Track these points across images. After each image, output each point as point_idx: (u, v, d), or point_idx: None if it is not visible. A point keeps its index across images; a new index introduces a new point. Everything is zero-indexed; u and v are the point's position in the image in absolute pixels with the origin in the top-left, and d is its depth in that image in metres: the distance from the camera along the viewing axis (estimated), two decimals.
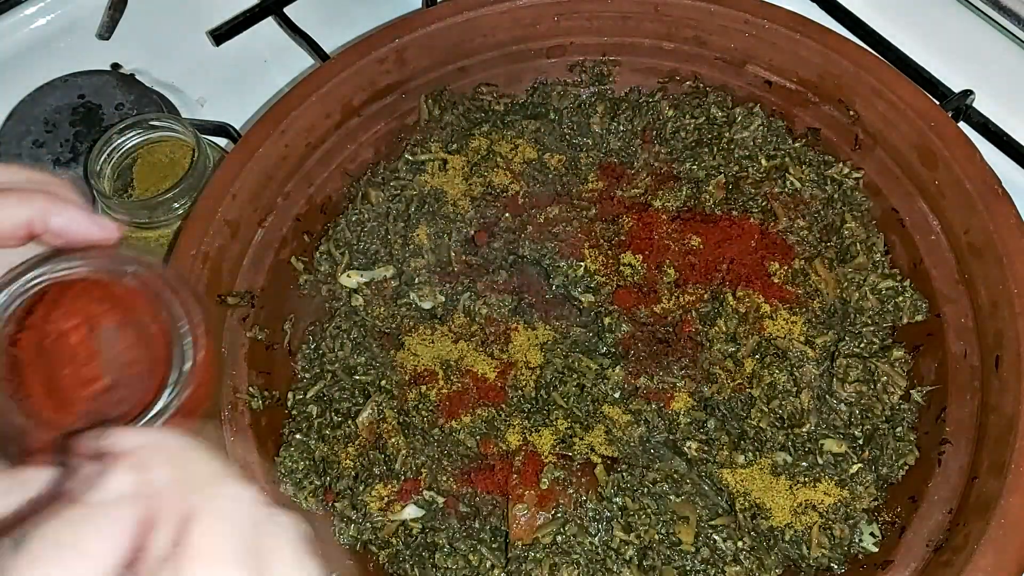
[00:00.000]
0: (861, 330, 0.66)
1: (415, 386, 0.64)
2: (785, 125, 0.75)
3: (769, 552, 0.58)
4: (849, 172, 0.72)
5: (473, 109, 0.78)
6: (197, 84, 0.93)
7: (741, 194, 0.71)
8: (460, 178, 0.74)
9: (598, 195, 0.74)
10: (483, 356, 0.65)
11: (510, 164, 0.74)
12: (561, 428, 0.62)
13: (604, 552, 0.58)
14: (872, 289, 0.67)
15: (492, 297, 0.67)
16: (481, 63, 0.78)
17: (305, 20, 0.92)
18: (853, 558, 0.59)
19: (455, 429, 0.63)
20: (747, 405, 0.63)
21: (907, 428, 0.62)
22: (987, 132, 0.80)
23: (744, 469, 0.60)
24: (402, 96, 0.76)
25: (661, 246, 0.68)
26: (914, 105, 0.68)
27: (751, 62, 0.75)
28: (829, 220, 0.71)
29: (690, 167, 0.73)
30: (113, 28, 0.96)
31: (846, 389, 0.63)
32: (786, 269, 0.67)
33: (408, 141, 0.77)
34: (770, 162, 0.73)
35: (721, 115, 0.76)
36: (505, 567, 0.58)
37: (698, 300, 0.67)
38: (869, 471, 0.60)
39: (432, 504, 0.61)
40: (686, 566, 0.58)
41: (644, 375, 0.63)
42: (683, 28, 0.76)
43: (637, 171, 0.75)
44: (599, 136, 0.77)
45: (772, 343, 0.64)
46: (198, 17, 0.97)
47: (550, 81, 0.80)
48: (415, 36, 0.75)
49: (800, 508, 0.59)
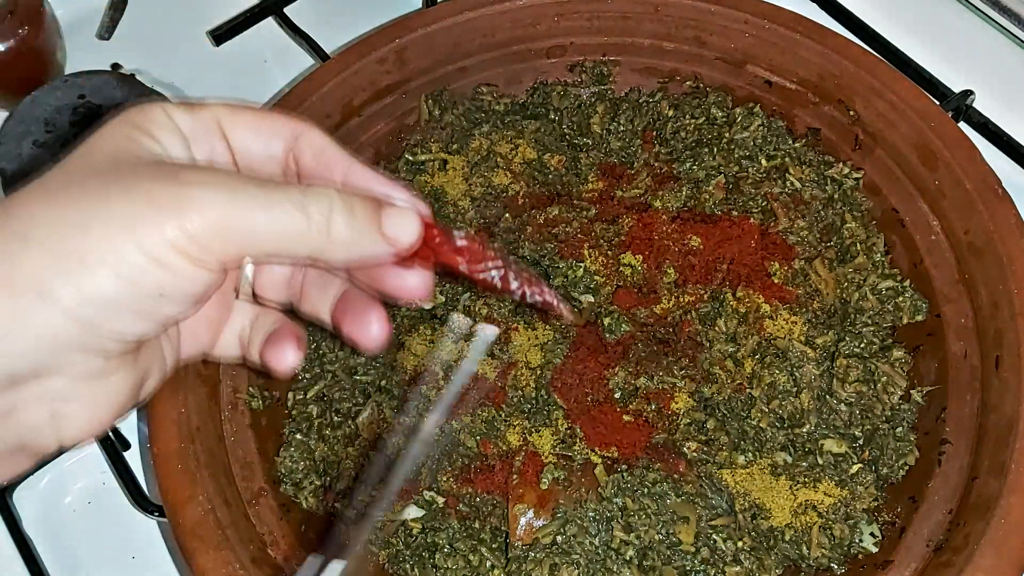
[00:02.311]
0: (861, 330, 0.66)
1: (415, 386, 0.64)
2: (785, 125, 0.75)
3: (769, 552, 0.58)
4: (849, 172, 0.72)
5: (473, 109, 0.78)
6: (197, 84, 0.93)
7: (741, 194, 0.71)
8: (460, 178, 0.74)
9: (598, 195, 0.74)
10: (483, 356, 0.65)
11: (510, 164, 0.74)
12: (561, 428, 0.62)
13: (604, 552, 0.58)
14: (872, 289, 0.67)
15: (492, 297, 0.67)
16: (481, 63, 0.78)
17: (305, 20, 0.92)
18: (853, 558, 0.59)
19: (455, 429, 0.63)
20: (747, 405, 0.63)
21: (907, 428, 0.62)
22: (987, 132, 0.80)
23: (744, 469, 0.60)
24: (402, 96, 0.76)
25: (661, 246, 0.68)
26: (914, 105, 0.68)
27: (751, 62, 0.75)
28: (829, 220, 0.71)
29: (690, 167, 0.73)
30: (113, 28, 0.96)
31: (846, 389, 0.63)
32: (786, 269, 0.67)
33: (408, 141, 0.77)
34: (770, 162, 0.73)
35: (721, 115, 0.76)
36: (505, 567, 0.58)
37: (698, 300, 0.67)
38: (869, 471, 0.61)
39: (432, 504, 0.61)
40: (686, 566, 0.58)
41: (644, 375, 0.63)
42: (683, 28, 0.76)
43: (637, 171, 0.75)
44: (599, 136, 0.77)
45: (772, 343, 0.64)
46: (198, 17, 0.97)
47: (550, 81, 0.80)
48: (415, 36, 0.75)
49: (800, 508, 0.59)
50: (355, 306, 0.44)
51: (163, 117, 0.39)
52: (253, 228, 0.36)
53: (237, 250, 0.37)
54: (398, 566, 0.60)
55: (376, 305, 0.44)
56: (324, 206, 0.38)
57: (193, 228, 0.35)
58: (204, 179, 0.36)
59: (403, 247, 0.40)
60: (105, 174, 0.36)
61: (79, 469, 0.73)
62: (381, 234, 0.39)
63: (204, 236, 0.35)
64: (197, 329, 0.46)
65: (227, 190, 0.36)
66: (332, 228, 0.38)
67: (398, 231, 0.39)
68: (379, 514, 0.43)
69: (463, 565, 0.59)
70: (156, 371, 0.43)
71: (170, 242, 0.35)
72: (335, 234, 0.38)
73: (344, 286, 0.45)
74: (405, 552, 0.60)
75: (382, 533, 0.61)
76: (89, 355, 0.37)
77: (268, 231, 0.37)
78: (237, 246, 0.37)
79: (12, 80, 0.87)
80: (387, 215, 0.40)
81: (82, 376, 0.38)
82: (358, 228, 0.39)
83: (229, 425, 0.62)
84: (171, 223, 0.35)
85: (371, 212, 0.39)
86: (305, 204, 0.37)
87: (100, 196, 0.35)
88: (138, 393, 0.42)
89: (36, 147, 0.81)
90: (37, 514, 0.71)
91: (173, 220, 0.35)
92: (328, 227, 0.38)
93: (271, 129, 0.42)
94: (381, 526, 0.61)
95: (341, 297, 0.44)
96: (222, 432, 0.61)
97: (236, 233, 0.36)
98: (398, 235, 0.40)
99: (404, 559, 0.60)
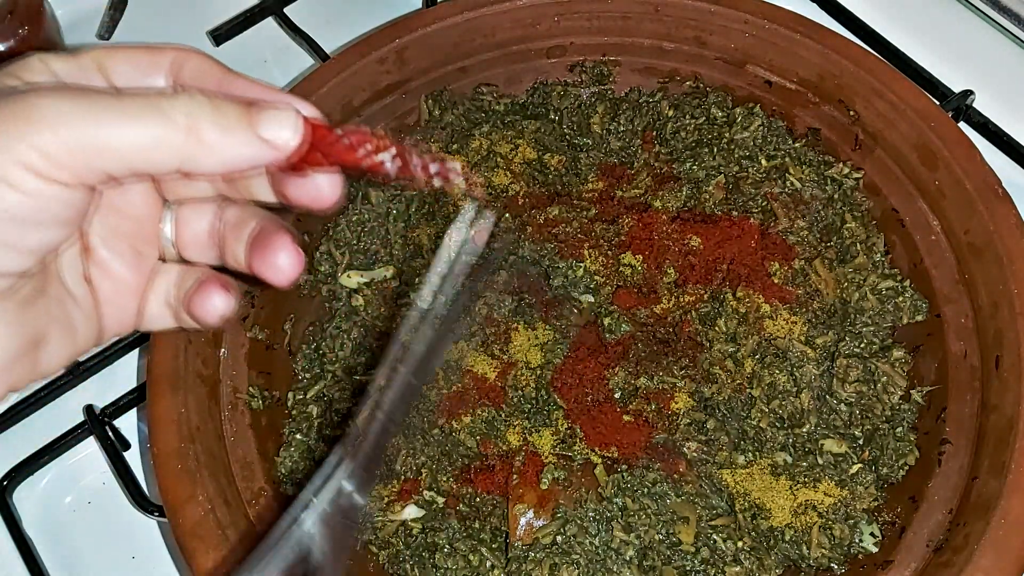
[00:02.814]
0: (861, 330, 0.66)
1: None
2: (785, 125, 0.75)
3: (769, 552, 0.58)
4: (849, 172, 0.72)
5: (473, 109, 0.78)
6: None
7: (741, 194, 0.71)
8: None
9: (598, 195, 0.74)
10: (483, 356, 0.65)
11: (510, 164, 0.74)
12: (561, 428, 0.62)
13: (604, 552, 0.58)
14: (872, 289, 0.67)
15: (492, 297, 0.67)
16: (481, 63, 0.78)
17: (305, 20, 0.92)
18: (853, 558, 0.59)
19: (455, 429, 0.63)
20: (747, 405, 0.63)
21: (907, 428, 0.62)
22: (987, 132, 0.80)
23: (744, 469, 0.60)
24: (402, 96, 0.76)
25: (661, 246, 0.68)
26: (914, 105, 0.68)
27: (751, 62, 0.75)
28: (829, 220, 0.71)
29: (690, 167, 0.73)
30: (113, 28, 0.96)
31: (846, 389, 0.63)
32: (786, 269, 0.67)
33: (408, 141, 0.77)
34: (770, 162, 0.73)
35: (721, 115, 0.76)
36: (505, 567, 0.58)
37: (698, 300, 0.67)
38: (869, 471, 0.61)
39: (432, 504, 0.61)
40: (686, 566, 0.58)
41: (644, 375, 0.63)
42: (683, 28, 0.76)
43: (637, 171, 0.75)
44: (599, 136, 0.77)
45: (772, 343, 0.64)
46: (198, 17, 0.97)
47: (550, 81, 0.80)
48: (415, 36, 0.75)
49: (800, 508, 0.59)
50: (263, 240, 0.42)
51: (38, 64, 0.38)
52: (105, 138, 0.35)
53: (97, 164, 0.35)
54: (398, 566, 0.60)
55: (283, 234, 0.41)
56: (190, 109, 0.36)
57: (43, 143, 0.34)
58: (53, 94, 0.35)
59: (283, 148, 0.37)
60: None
61: (79, 469, 0.73)
62: (256, 135, 0.37)
63: (56, 151, 0.34)
64: (116, 297, 0.44)
65: (79, 102, 0.34)
66: (201, 131, 0.36)
67: (275, 132, 0.37)
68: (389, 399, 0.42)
69: (463, 565, 0.59)
70: (57, 335, 0.41)
71: (19, 160, 0.34)
72: (204, 138, 0.36)
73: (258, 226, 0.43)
74: (405, 552, 0.60)
75: (382, 533, 0.61)
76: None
77: (127, 140, 0.35)
78: (95, 159, 0.35)
79: None
80: (262, 115, 0.37)
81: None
82: (229, 129, 0.36)
83: (229, 425, 0.62)
84: (18, 140, 0.33)
85: (243, 112, 0.37)
86: (167, 108, 0.35)
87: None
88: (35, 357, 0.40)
89: None
90: (37, 514, 0.71)
91: (20, 137, 0.34)
92: (196, 131, 0.36)
93: (150, 61, 0.40)
94: (381, 526, 0.61)
95: (253, 237, 0.42)
96: (222, 432, 0.61)
97: (92, 145, 0.34)
98: (276, 136, 0.37)
99: (404, 559, 0.60)
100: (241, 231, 0.43)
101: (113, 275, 0.43)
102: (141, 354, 0.76)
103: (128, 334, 0.46)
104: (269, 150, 0.37)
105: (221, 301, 0.43)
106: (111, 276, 0.43)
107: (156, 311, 0.45)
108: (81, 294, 0.42)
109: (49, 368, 0.41)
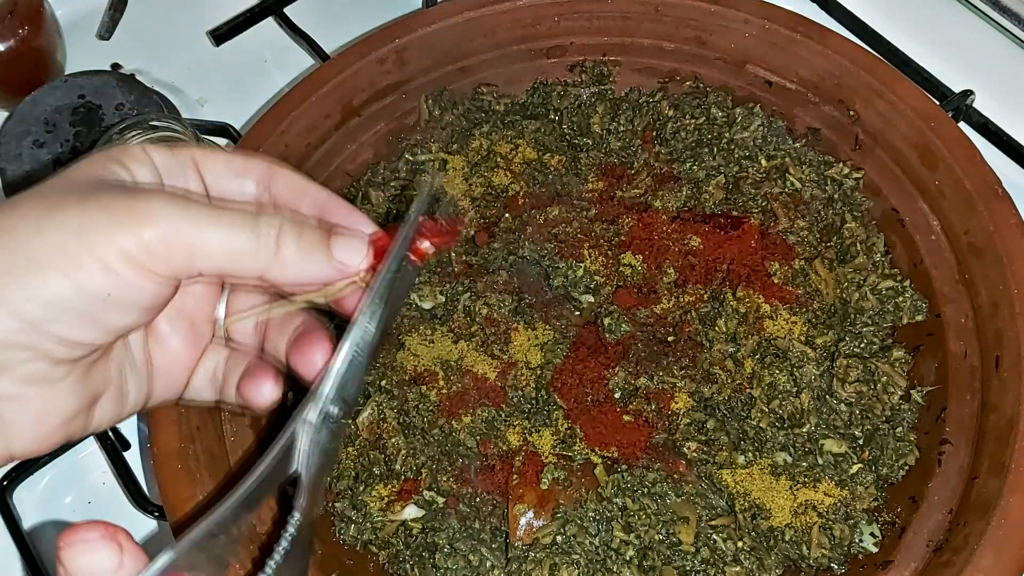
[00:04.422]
0: (861, 330, 0.66)
1: (415, 386, 0.64)
2: (785, 125, 0.75)
3: (769, 552, 0.58)
4: (849, 172, 0.72)
5: (473, 109, 0.78)
6: (197, 84, 0.93)
7: (741, 194, 0.71)
8: (460, 178, 0.74)
9: (598, 195, 0.74)
10: (483, 356, 0.65)
11: (510, 164, 0.74)
12: (561, 428, 0.62)
13: (604, 552, 0.58)
14: (872, 289, 0.67)
15: (492, 297, 0.67)
16: (481, 63, 0.78)
17: (305, 20, 0.92)
18: (853, 558, 0.59)
19: (455, 429, 0.63)
20: (747, 405, 0.63)
21: (907, 428, 0.62)
22: (987, 132, 0.80)
23: (744, 469, 0.60)
24: (402, 96, 0.76)
25: (661, 246, 0.68)
26: (914, 105, 0.68)
27: (751, 62, 0.76)
28: (829, 220, 0.71)
29: (690, 167, 0.73)
30: (113, 28, 0.96)
31: (846, 389, 0.63)
32: (786, 269, 0.67)
33: (408, 141, 0.77)
34: (770, 162, 0.73)
35: (721, 115, 0.76)
36: (505, 567, 0.58)
37: (698, 300, 0.67)
38: (869, 471, 0.60)
39: (432, 504, 0.61)
40: (686, 566, 0.58)
41: (644, 375, 0.63)
42: (683, 28, 0.76)
43: (637, 171, 0.75)
44: (599, 136, 0.77)
45: (772, 343, 0.64)
46: (198, 17, 0.97)
47: (550, 81, 0.80)
48: (415, 36, 0.75)
49: (800, 508, 0.59)
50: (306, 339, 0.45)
51: (140, 152, 0.42)
52: (202, 242, 0.38)
53: (187, 263, 0.38)
54: (398, 566, 0.60)
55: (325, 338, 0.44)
56: (273, 226, 0.40)
57: (145, 238, 0.37)
58: (159, 196, 0.38)
59: (351, 271, 0.42)
60: (69, 190, 0.38)
61: (79, 469, 0.73)
62: (329, 256, 0.41)
63: (154, 246, 0.37)
64: (169, 368, 0.47)
65: (180, 206, 0.38)
66: (281, 247, 0.40)
67: (346, 255, 0.42)
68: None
69: (463, 565, 0.59)
70: (111, 396, 0.44)
71: (121, 250, 0.37)
72: (283, 253, 0.40)
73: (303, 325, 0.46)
74: (405, 552, 0.60)
75: (382, 533, 0.61)
76: (34, 356, 0.38)
77: (217, 246, 0.39)
78: (187, 259, 0.38)
79: (12, 80, 0.87)
80: (337, 241, 0.42)
81: (27, 378, 0.38)
82: (309, 251, 0.41)
83: (229, 425, 0.62)
84: (123, 232, 0.37)
85: (321, 237, 0.42)
86: (255, 223, 0.40)
87: (58, 205, 0.37)
88: (89, 413, 0.43)
89: (36, 147, 0.81)
90: (37, 514, 0.71)
91: (125, 229, 0.37)
92: (277, 246, 0.40)
93: (244, 168, 0.44)
94: (381, 526, 0.61)
95: (298, 335, 0.46)
96: (222, 432, 0.60)
97: (186, 246, 0.38)
98: (346, 259, 0.42)
99: (404, 559, 0.60)
100: (286, 327, 0.46)
101: (170, 349, 0.47)
102: None
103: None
104: (340, 271, 0.42)
105: (270, 390, 0.46)
106: (168, 350, 0.47)
107: (201, 385, 0.49)
108: (139, 363, 0.46)
109: (100, 425, 0.44)
